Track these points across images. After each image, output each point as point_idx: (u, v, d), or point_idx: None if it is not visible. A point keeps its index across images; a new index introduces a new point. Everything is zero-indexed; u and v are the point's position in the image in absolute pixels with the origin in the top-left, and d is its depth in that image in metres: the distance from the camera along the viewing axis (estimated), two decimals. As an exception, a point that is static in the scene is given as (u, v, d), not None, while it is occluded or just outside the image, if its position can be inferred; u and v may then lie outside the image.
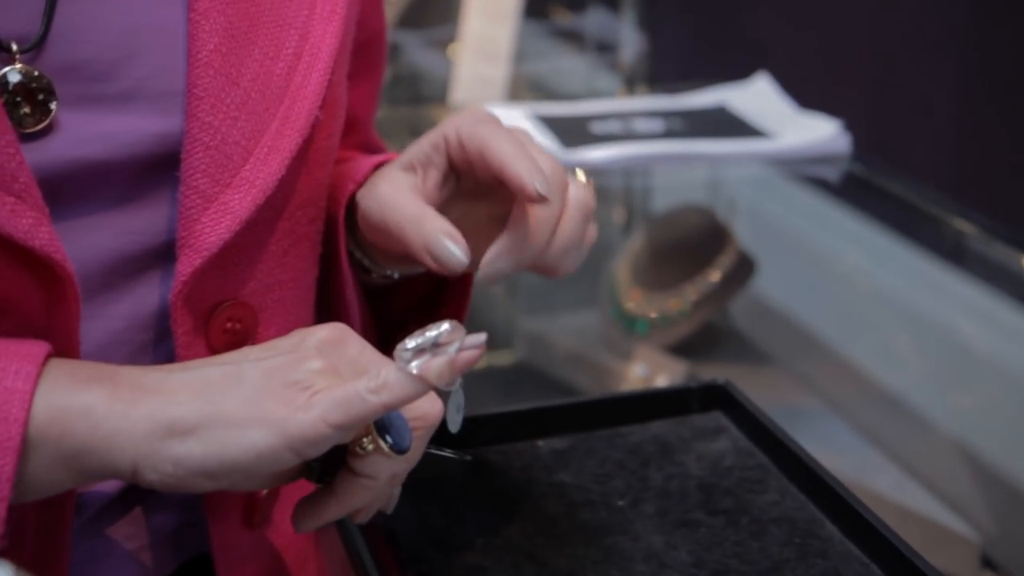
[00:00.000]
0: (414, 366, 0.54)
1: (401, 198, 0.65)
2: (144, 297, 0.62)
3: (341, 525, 0.72)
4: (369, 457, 0.57)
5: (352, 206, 0.70)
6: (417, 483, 0.64)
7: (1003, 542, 1.22)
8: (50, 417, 0.51)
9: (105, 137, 0.58)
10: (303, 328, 0.59)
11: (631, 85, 1.94)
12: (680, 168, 1.52)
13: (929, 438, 1.37)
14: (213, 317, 0.62)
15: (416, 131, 1.27)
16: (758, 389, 1.56)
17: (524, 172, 0.60)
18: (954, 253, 1.38)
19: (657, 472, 0.78)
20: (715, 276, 1.50)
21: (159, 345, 0.63)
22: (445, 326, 0.55)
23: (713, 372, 1.54)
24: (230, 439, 0.52)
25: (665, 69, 2.08)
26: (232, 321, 0.63)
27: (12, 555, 0.54)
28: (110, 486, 0.63)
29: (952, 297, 1.38)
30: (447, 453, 0.67)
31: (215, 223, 0.60)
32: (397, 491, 0.64)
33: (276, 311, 0.66)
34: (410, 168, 0.67)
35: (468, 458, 0.69)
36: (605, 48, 2.04)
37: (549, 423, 0.82)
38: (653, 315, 1.53)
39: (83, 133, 0.58)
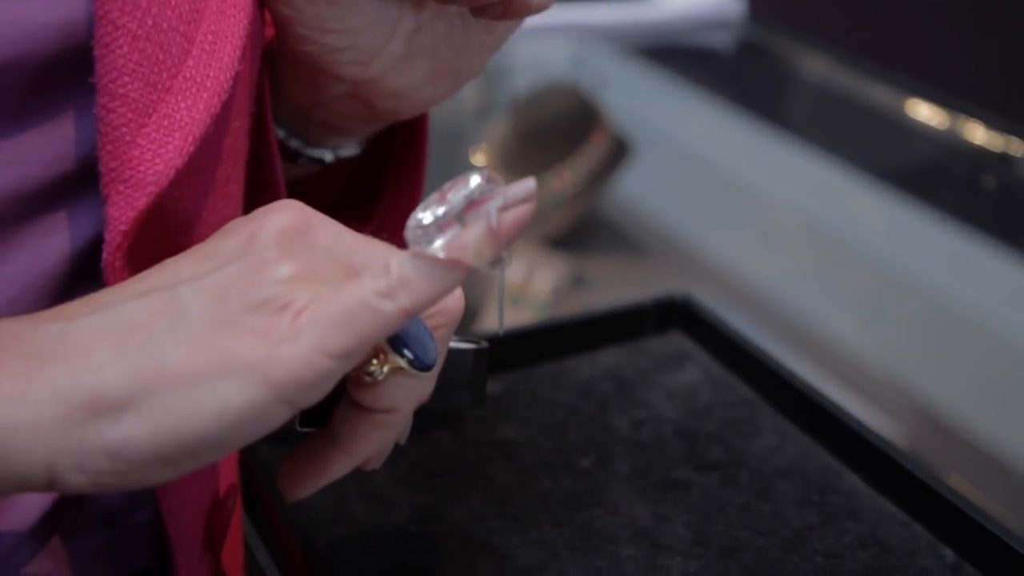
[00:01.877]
0: (439, 246, 0.36)
1: None
2: (42, 251, 0.44)
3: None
4: (384, 384, 0.40)
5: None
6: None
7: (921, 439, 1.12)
8: None
9: None
10: (240, 218, 0.40)
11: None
12: (540, 43, 1.35)
13: (835, 330, 1.26)
14: None
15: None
16: (644, 283, 1.42)
17: None
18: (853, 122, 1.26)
19: (621, 417, 0.62)
20: (588, 161, 1.35)
21: None
22: (475, 178, 0.37)
23: (591, 267, 1.39)
24: (188, 404, 0.35)
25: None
26: None
27: None
28: (15, 522, 0.44)
29: (841, 173, 1.26)
30: (461, 344, 0.48)
31: (159, 145, 0.41)
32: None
33: None
34: None
35: (485, 344, 0.50)
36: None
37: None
38: (522, 208, 1.36)
39: None
